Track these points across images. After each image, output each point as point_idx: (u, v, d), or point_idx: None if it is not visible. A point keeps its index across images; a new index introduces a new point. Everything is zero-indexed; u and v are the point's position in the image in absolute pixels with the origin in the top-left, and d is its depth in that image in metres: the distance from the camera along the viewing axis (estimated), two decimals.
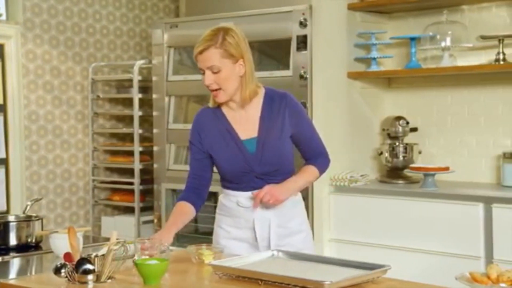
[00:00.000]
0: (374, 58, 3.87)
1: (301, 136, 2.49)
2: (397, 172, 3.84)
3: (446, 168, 3.59)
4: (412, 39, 3.80)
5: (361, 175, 3.79)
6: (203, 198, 2.56)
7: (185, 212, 2.46)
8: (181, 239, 4.33)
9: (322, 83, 3.76)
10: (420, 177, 3.65)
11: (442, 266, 3.26)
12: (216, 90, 2.36)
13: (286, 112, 2.43)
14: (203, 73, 2.37)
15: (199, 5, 4.50)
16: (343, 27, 3.86)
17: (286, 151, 2.45)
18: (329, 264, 2.14)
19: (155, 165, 4.41)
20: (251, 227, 2.45)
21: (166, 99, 4.35)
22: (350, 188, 3.70)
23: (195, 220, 4.45)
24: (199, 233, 4.34)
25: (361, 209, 3.64)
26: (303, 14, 3.74)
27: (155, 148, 4.41)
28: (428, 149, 3.91)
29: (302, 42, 3.76)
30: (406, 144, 3.85)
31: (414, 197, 3.48)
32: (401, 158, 3.82)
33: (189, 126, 4.33)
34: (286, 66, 3.86)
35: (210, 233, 4.23)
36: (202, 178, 2.52)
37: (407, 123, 3.88)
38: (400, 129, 3.86)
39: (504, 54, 3.50)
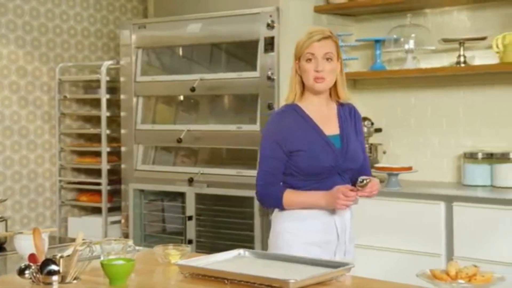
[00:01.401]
0: None
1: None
2: None
3: (409, 168, 3.63)
4: (377, 41, 3.84)
5: None
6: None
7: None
8: (149, 239, 4.31)
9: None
10: (385, 176, 3.68)
11: (404, 264, 3.30)
12: (322, 77, 2.43)
13: (355, 119, 2.56)
14: (310, 61, 2.43)
15: (167, 7, 4.47)
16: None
17: (360, 152, 2.53)
18: (295, 263, 2.14)
19: (123, 166, 4.37)
20: (329, 229, 2.45)
21: (134, 99, 4.32)
22: None
23: (162, 220, 4.43)
24: (167, 233, 4.32)
25: None
26: (271, 16, 3.73)
27: (123, 149, 4.37)
28: (392, 149, 3.95)
29: (269, 44, 3.75)
30: (371, 144, 3.88)
31: (379, 196, 3.46)
32: None
33: (157, 126, 4.41)
34: (254, 68, 3.85)
35: (177, 233, 4.25)
36: (277, 176, 2.48)
37: (372, 124, 3.91)
38: (365, 129, 3.88)
39: (464, 56, 3.55)
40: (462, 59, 3.55)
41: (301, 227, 2.44)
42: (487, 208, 3.14)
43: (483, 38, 3.53)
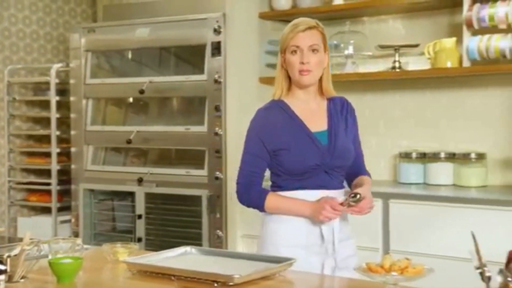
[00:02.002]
0: None
1: (354, 145, 2.37)
2: None
3: None
4: None
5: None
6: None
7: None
8: (99, 237, 4.25)
9: (235, 87, 3.78)
10: None
11: None
12: (308, 70, 2.24)
13: (348, 114, 2.36)
14: (295, 53, 2.24)
15: (116, 11, 4.42)
16: (255, 34, 3.89)
17: (351, 148, 2.32)
18: (239, 259, 2.14)
19: (73, 166, 4.29)
20: (315, 231, 2.24)
21: (84, 101, 4.25)
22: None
23: (113, 219, 4.37)
24: (117, 232, 4.27)
25: None
26: (217, 21, 3.74)
27: (73, 149, 4.29)
28: None
29: (216, 48, 3.75)
30: None
31: None
32: None
33: (107, 128, 4.35)
34: (201, 71, 3.84)
35: (127, 231, 4.20)
36: (259, 175, 2.29)
37: None
38: None
39: (399, 62, 3.63)
40: (397, 64, 3.62)
41: (286, 229, 2.26)
42: (420, 204, 3.21)
43: (416, 45, 3.61)
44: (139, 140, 4.05)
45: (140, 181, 4.00)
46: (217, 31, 3.74)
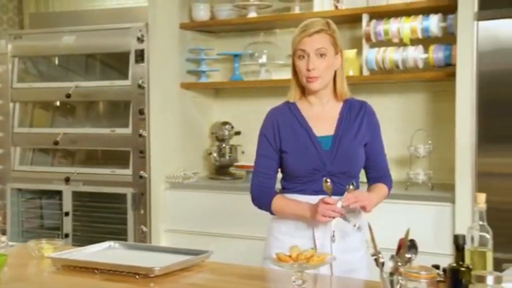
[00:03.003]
0: (203, 71, 3.92)
1: (372, 149, 2.14)
2: (224, 169, 3.92)
3: None
4: (235, 55, 3.90)
5: (193, 173, 3.82)
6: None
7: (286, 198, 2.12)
8: (26, 235, 4.11)
9: (158, 92, 3.75)
10: (243, 174, 3.76)
11: (260, 249, 3.37)
12: (314, 77, 2.04)
13: (364, 119, 2.14)
14: (303, 58, 2.05)
15: (42, 20, 4.32)
16: (176, 43, 3.87)
17: (358, 155, 2.10)
18: (161, 252, 2.14)
19: (0, 166, 4.14)
20: (310, 236, 2.06)
21: (11, 105, 4.12)
22: (184, 185, 3.72)
23: (40, 216, 4.23)
24: (45, 229, 4.14)
25: (193, 202, 3.67)
26: (140, 30, 3.72)
27: (0, 151, 4.14)
28: (249, 149, 4.02)
29: (140, 56, 3.73)
30: (231, 145, 3.93)
31: (238, 191, 3.57)
32: (227, 157, 3.90)
33: (34, 130, 4.21)
34: (126, 77, 3.80)
35: (54, 228, 4.08)
36: (271, 176, 2.14)
37: (232, 127, 3.97)
38: (226, 132, 3.94)
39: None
40: None
41: (284, 231, 2.12)
42: None
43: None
44: (66, 142, 3.96)
45: (67, 180, 3.92)
46: (140, 40, 3.72)
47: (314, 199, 2.03)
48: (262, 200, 2.15)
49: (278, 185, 2.20)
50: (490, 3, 2.86)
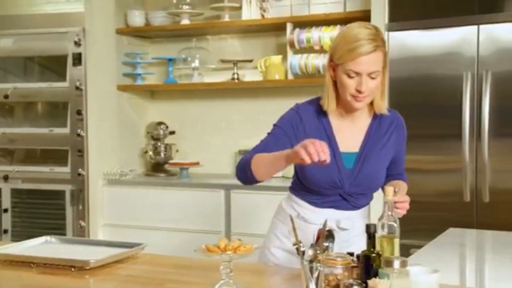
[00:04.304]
0: (139, 74, 3.85)
1: (396, 158, 1.90)
2: (159, 167, 3.87)
3: (197, 163, 3.70)
4: (170, 59, 3.85)
5: (130, 170, 3.74)
6: None
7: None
8: None
9: (95, 94, 3.65)
10: (177, 170, 3.72)
11: (193, 241, 3.32)
12: (364, 97, 1.73)
13: (394, 134, 1.86)
14: (353, 76, 1.71)
15: None
16: (113, 47, 3.77)
17: (381, 174, 1.84)
18: (96, 246, 2.08)
19: None
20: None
21: None
22: (121, 181, 3.64)
23: None
24: None
25: (130, 198, 3.60)
26: (77, 35, 3.62)
27: None
28: (183, 148, 3.99)
29: (77, 59, 3.63)
30: (166, 144, 3.89)
31: (173, 187, 3.54)
32: (162, 155, 3.85)
33: None
34: (64, 79, 3.68)
35: None
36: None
37: (167, 127, 3.92)
38: (161, 132, 3.89)
39: (238, 74, 3.70)
40: (235, 76, 3.69)
41: (286, 234, 1.87)
42: (257, 194, 3.27)
43: (250, 61, 3.71)
44: (5, 141, 3.82)
45: (6, 178, 3.77)
46: (77, 44, 3.62)
47: (324, 213, 1.81)
48: (241, 164, 1.81)
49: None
50: (399, 16, 2.97)
